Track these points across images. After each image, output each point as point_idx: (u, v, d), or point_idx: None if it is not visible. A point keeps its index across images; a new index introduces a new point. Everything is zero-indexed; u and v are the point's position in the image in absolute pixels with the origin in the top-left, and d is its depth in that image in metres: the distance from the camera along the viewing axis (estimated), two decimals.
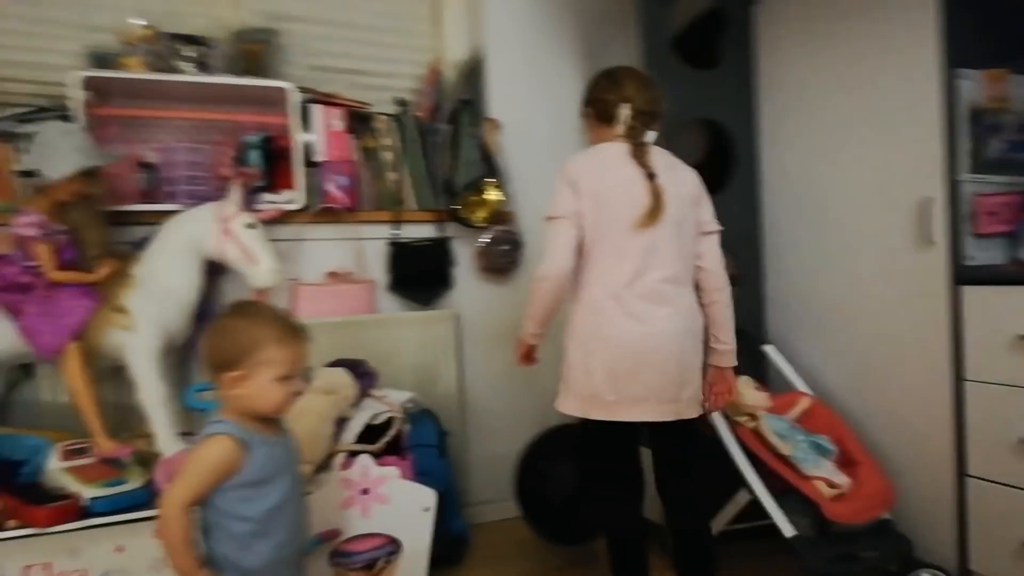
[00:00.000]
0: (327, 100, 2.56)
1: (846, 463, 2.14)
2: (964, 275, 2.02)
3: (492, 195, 2.68)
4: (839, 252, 2.37)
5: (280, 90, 2.42)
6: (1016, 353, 1.88)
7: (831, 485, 2.03)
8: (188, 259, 2.15)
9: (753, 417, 2.17)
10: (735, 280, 2.65)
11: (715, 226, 2.00)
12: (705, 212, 1.99)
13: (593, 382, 1.85)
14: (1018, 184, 2.10)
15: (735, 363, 1.99)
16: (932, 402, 2.09)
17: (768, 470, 2.08)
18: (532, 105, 2.90)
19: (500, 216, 2.72)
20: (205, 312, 2.23)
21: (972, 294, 1.99)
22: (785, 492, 2.07)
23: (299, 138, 2.44)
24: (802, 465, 2.05)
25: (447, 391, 2.62)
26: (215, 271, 2.30)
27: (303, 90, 2.51)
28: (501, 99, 2.84)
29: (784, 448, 2.07)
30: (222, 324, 1.43)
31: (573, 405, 1.90)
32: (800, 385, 2.38)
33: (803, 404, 2.25)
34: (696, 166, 2.98)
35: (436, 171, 2.69)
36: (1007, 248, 2.10)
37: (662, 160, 1.94)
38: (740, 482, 2.12)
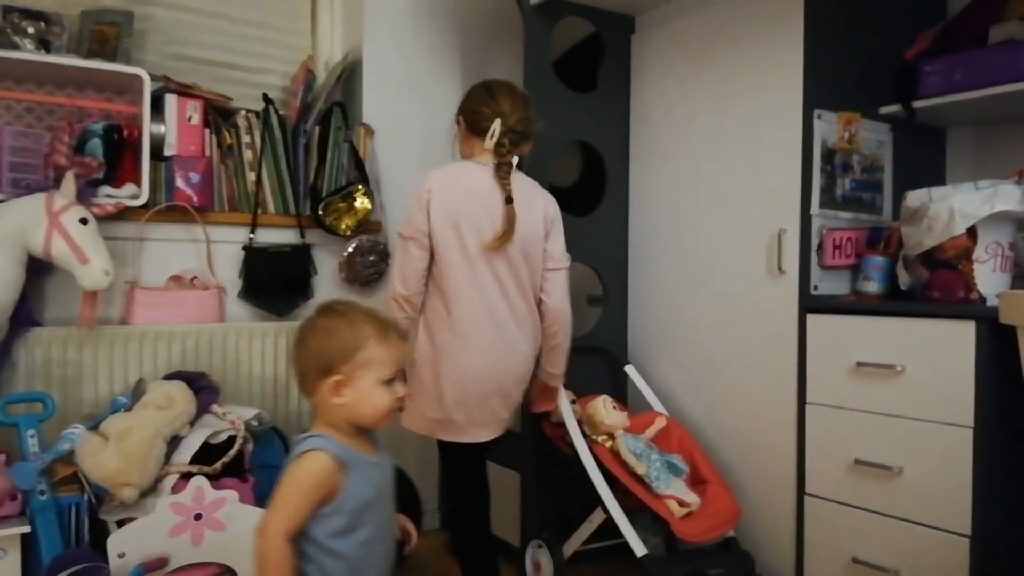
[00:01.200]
0: (184, 91, 2.40)
1: (697, 482, 2.19)
2: (810, 304, 2.12)
3: (360, 203, 2.59)
4: (698, 277, 2.44)
5: (131, 76, 2.24)
6: (854, 378, 1.98)
7: (682, 504, 2.07)
8: (6, 254, 1.93)
9: (611, 436, 2.19)
10: (600, 301, 2.70)
11: (564, 262, 2.03)
12: (555, 245, 2.01)
13: (439, 406, 1.86)
14: (861, 221, 2.23)
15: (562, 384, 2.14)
16: (777, 424, 2.17)
17: (623, 489, 2.10)
18: (407, 113, 2.83)
19: (368, 225, 2.63)
20: (22, 316, 2.00)
21: (816, 322, 2.09)
22: (638, 510, 2.10)
23: (149, 129, 2.26)
24: (655, 484, 2.08)
25: (302, 407, 2.48)
26: (39, 270, 2.08)
27: (157, 78, 2.34)
28: (375, 105, 2.76)
29: (639, 467, 2.10)
30: (314, 326, 1.28)
31: (420, 424, 1.91)
32: (657, 405, 2.42)
33: (659, 424, 2.29)
34: (571, 187, 3.05)
35: (301, 174, 2.57)
36: (850, 280, 2.22)
37: (522, 186, 1.95)
38: (596, 501, 2.13)
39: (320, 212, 2.52)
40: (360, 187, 2.58)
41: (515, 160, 1.94)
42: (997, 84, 1.99)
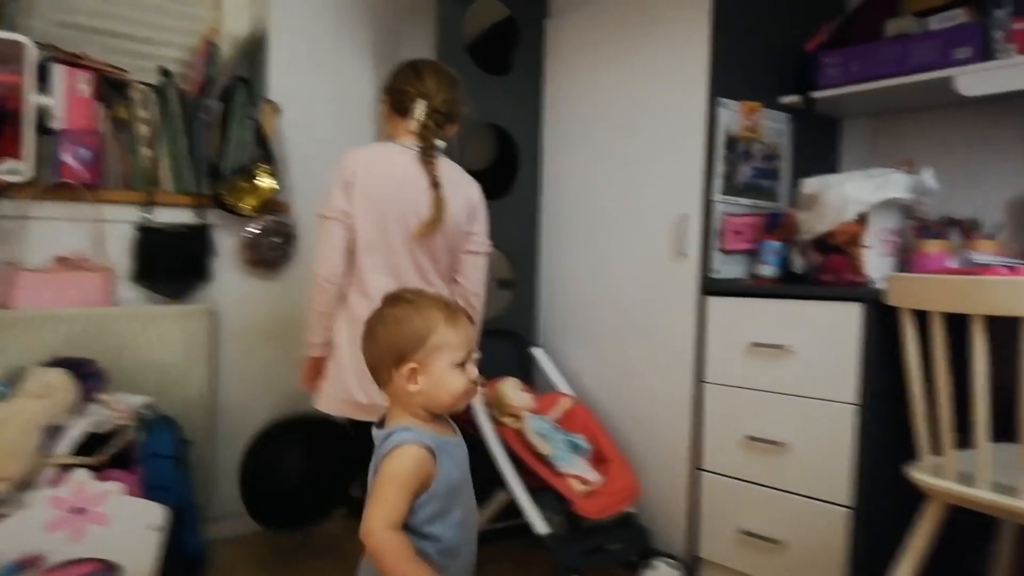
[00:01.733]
0: (73, 61, 2.26)
1: (599, 460, 2.23)
2: (710, 287, 2.17)
3: (264, 182, 2.50)
4: (606, 260, 2.47)
5: (12, 44, 2.10)
6: (748, 358, 2.05)
7: (583, 482, 2.10)
8: None
9: (517, 418, 2.21)
10: (511, 284, 2.71)
11: (485, 247, 2.01)
12: (478, 230, 1.99)
13: (350, 386, 1.81)
14: (760, 207, 2.30)
15: None
16: (675, 403, 2.23)
17: (527, 469, 2.12)
18: (316, 91, 2.75)
19: (272, 205, 2.55)
20: None
21: (715, 304, 2.15)
22: (542, 490, 2.13)
23: (33, 101, 2.13)
24: (558, 463, 2.11)
25: (196, 394, 2.38)
26: None
27: (44, 47, 2.20)
28: (282, 81, 2.67)
29: (543, 447, 2.12)
30: (383, 316, 1.27)
31: (337, 407, 1.87)
32: (563, 386, 2.45)
33: (564, 404, 2.32)
34: (483, 171, 3.03)
35: (200, 151, 2.46)
36: (748, 264, 2.29)
37: (448, 170, 1.91)
38: (500, 481, 2.15)
39: (220, 191, 2.43)
40: (264, 166, 2.50)
41: (441, 143, 1.90)
42: (890, 76, 2.07)
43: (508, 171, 2.70)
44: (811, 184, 2.07)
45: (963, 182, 2.20)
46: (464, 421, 2.29)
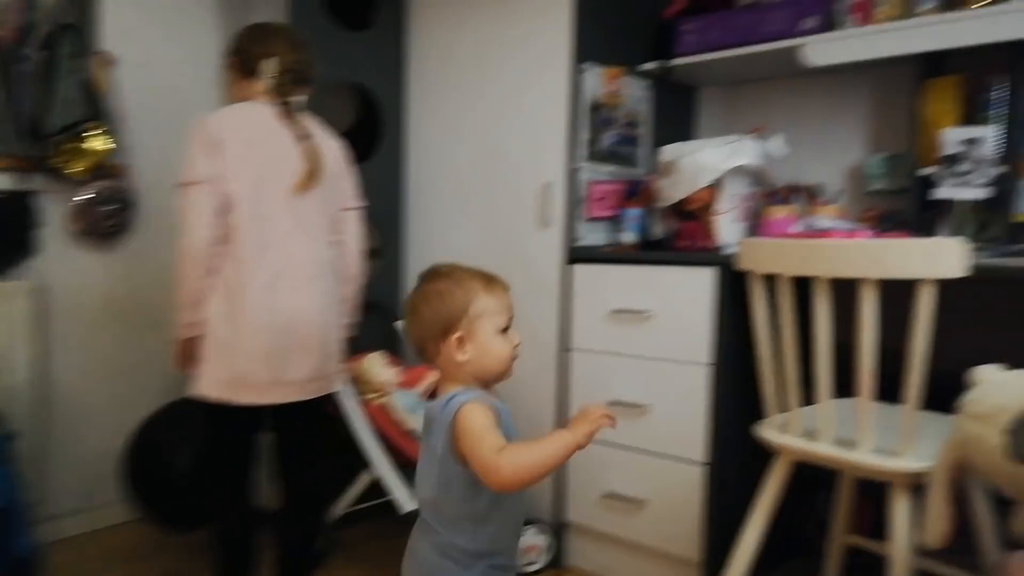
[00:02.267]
0: None
1: None
2: (575, 254, 2.17)
3: (97, 143, 2.27)
4: (472, 228, 2.42)
5: None
6: (612, 324, 2.07)
7: None
8: None
9: (382, 394, 2.14)
10: (376, 253, 2.62)
11: (358, 202, 1.93)
12: (349, 186, 1.93)
13: (240, 363, 1.68)
14: (622, 174, 2.32)
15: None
16: (542, 371, 2.23)
17: (394, 446, 2.07)
18: (157, 43, 2.52)
19: (106, 169, 2.32)
20: None
21: (580, 272, 2.16)
22: (409, 466, 2.08)
23: None
24: None
25: (19, 382, 2.14)
26: None
27: None
28: (117, 30, 2.41)
29: (410, 422, 2.07)
30: (423, 292, 1.29)
31: (215, 389, 1.70)
32: None
33: (431, 378, 2.27)
34: (345, 133, 2.89)
35: (20, 107, 2.20)
36: (611, 231, 2.31)
37: (312, 124, 1.83)
38: (365, 461, 2.08)
39: (45, 153, 2.18)
40: (96, 125, 2.27)
41: (298, 99, 1.80)
42: (744, 45, 2.12)
43: (371, 134, 2.59)
44: (668, 151, 2.10)
45: (809, 150, 2.31)
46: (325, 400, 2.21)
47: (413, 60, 2.60)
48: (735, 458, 1.93)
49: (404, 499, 2.00)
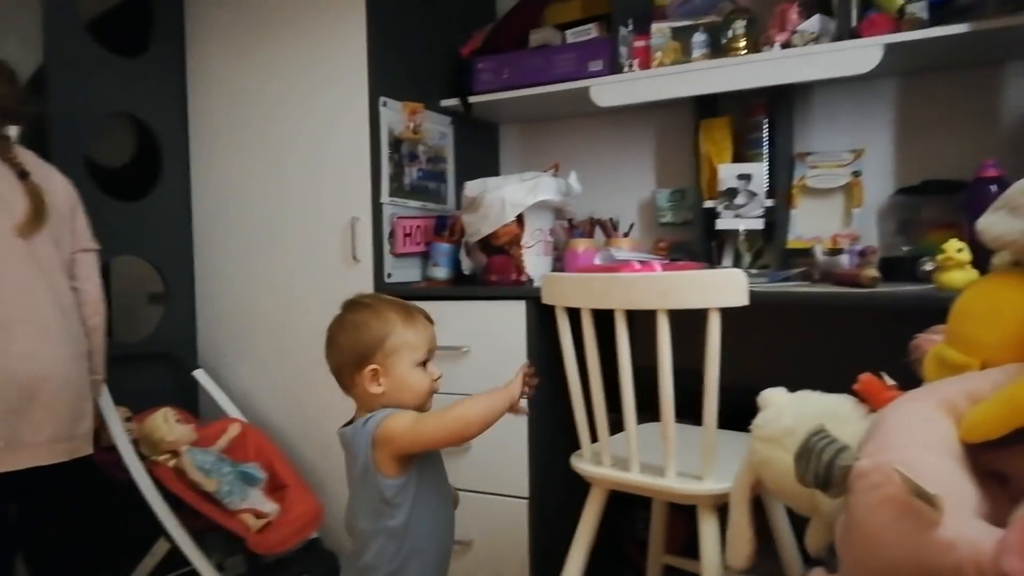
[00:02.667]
0: None
1: (276, 487, 2.06)
2: (385, 291, 2.11)
3: None
4: (272, 268, 2.29)
5: None
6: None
7: (258, 516, 1.92)
8: None
9: (175, 454, 1.94)
10: (162, 299, 2.39)
11: (94, 243, 1.79)
12: (82, 226, 1.77)
13: None
14: (428, 209, 2.30)
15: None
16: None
17: (192, 511, 1.88)
18: None
19: None
20: None
21: None
22: (212, 531, 1.91)
23: None
24: (227, 499, 1.90)
25: None
26: None
27: None
28: None
29: (209, 484, 1.89)
30: (341, 322, 1.33)
31: None
32: (232, 411, 2.23)
33: (233, 431, 2.10)
34: (121, 168, 2.64)
35: None
36: (421, 267, 2.28)
37: (34, 161, 1.65)
38: (159, 529, 1.88)
39: None
40: None
41: (12, 131, 1.60)
42: (536, 85, 2.20)
43: (151, 168, 2.37)
44: (473, 187, 2.12)
45: (603, 184, 2.43)
46: (110, 464, 1.97)
47: (195, 89, 2.42)
48: (558, 490, 1.95)
49: (204, 570, 1.82)
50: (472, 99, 2.29)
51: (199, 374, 2.29)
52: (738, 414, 1.50)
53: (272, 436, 2.20)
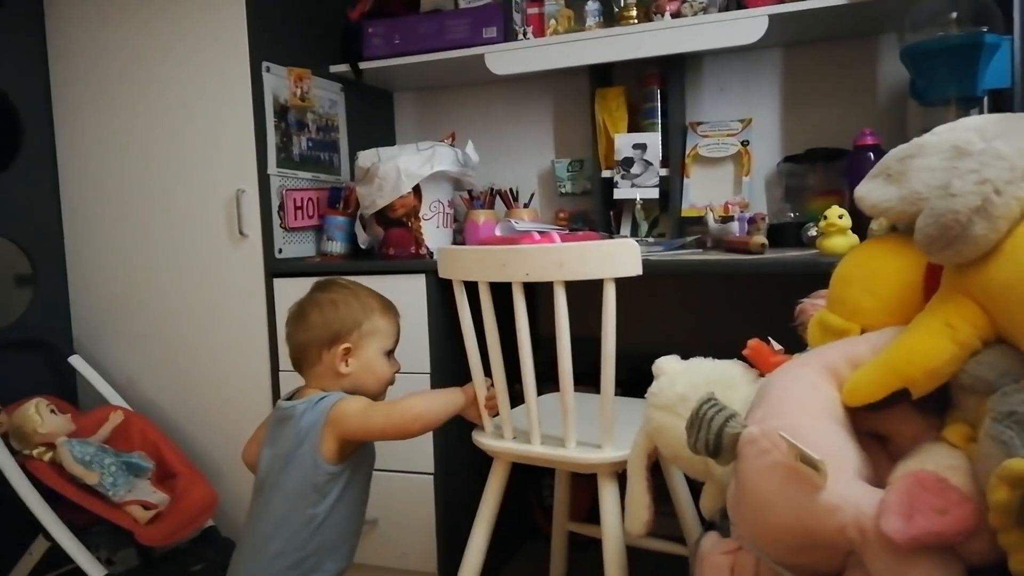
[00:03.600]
0: None
1: (166, 476, 1.96)
2: (276, 268, 2.03)
3: None
4: (152, 245, 2.15)
5: None
6: None
7: (147, 507, 1.82)
8: None
9: (51, 447, 1.81)
10: (28, 281, 2.21)
11: None
12: None
13: None
14: (320, 181, 2.21)
15: None
16: (253, 396, 2.06)
17: (73, 504, 1.76)
18: None
19: None
20: None
21: (283, 286, 2.01)
22: (97, 526, 1.80)
23: None
24: (112, 492, 1.79)
25: None
26: None
27: None
28: None
29: (90, 477, 1.78)
30: (316, 300, 1.34)
31: None
32: (114, 398, 2.09)
33: (115, 420, 1.98)
34: None
35: None
36: (315, 241, 2.19)
37: None
38: (36, 527, 1.75)
39: None
40: None
41: None
42: (430, 51, 2.13)
43: (10, 141, 2.17)
44: (366, 157, 2.05)
45: (503, 155, 2.41)
46: None
47: (56, 54, 2.22)
48: (463, 464, 1.94)
49: (90, 566, 1.71)
50: (363, 65, 2.20)
51: (75, 360, 2.13)
52: (638, 381, 1.52)
53: (159, 423, 2.08)
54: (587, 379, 1.59)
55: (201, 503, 1.91)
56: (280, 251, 2.05)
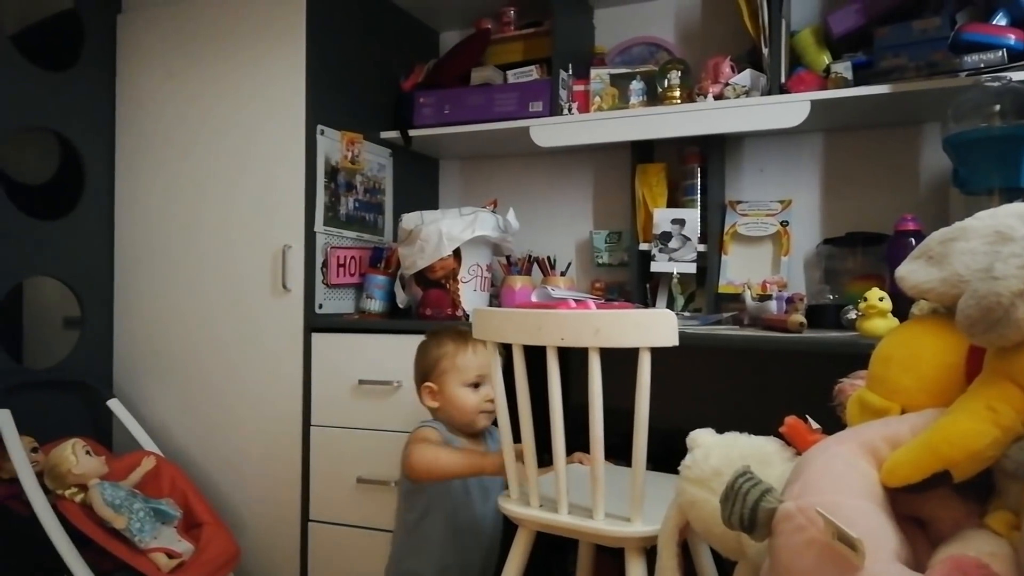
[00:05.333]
0: None
1: (191, 526, 1.96)
2: (315, 323, 2.06)
3: None
4: (196, 295, 2.21)
5: None
6: (357, 397, 1.99)
7: (171, 555, 1.82)
8: None
9: (83, 488, 1.83)
10: (76, 323, 2.28)
11: None
12: None
13: None
14: (364, 240, 2.27)
15: None
16: (282, 450, 2.07)
17: (100, 549, 1.77)
18: None
19: None
20: None
21: (321, 341, 2.05)
22: (121, 571, 1.80)
23: None
24: (138, 537, 1.80)
25: None
26: None
27: None
28: None
29: (118, 521, 1.79)
30: (418, 347, 1.66)
31: None
32: (147, 443, 2.12)
33: (147, 465, 2.00)
34: (43, 185, 2.53)
35: None
36: (355, 298, 2.24)
37: None
38: (62, 569, 1.76)
39: None
40: None
41: None
42: (477, 122, 2.21)
43: (74, 187, 2.27)
44: (410, 219, 2.10)
45: (542, 223, 2.45)
46: (10, 498, 1.84)
47: (123, 109, 2.34)
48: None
49: None
50: (412, 132, 2.29)
51: (114, 404, 2.17)
52: (667, 456, 1.50)
53: (189, 471, 2.10)
54: (615, 451, 1.58)
55: (224, 555, 1.91)
56: (320, 306, 2.10)
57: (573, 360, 1.55)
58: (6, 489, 1.87)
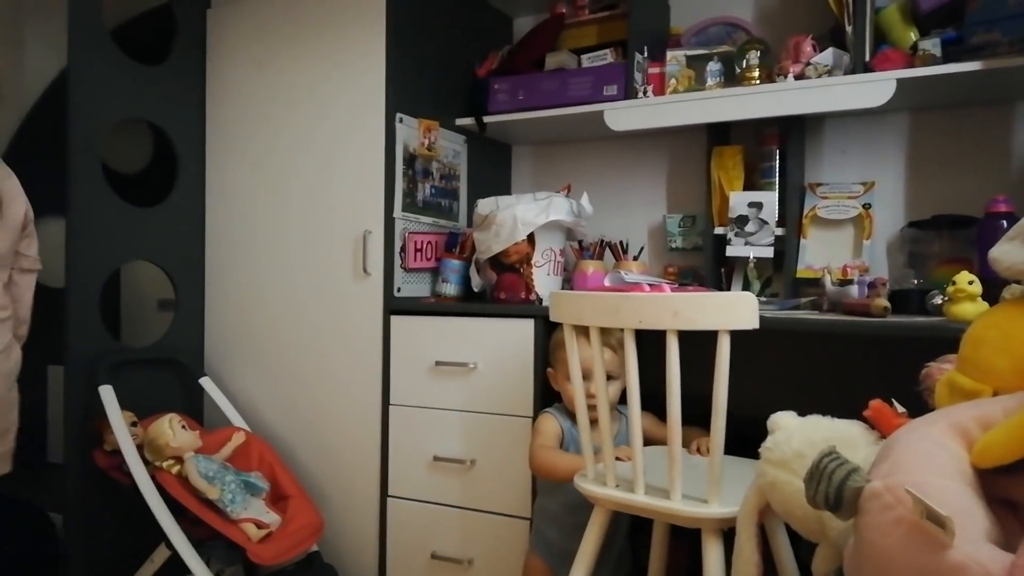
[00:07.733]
0: None
1: (278, 498, 2.06)
2: (394, 306, 2.13)
3: None
4: (282, 278, 2.30)
5: None
6: (433, 378, 2.04)
7: (260, 526, 1.91)
8: None
9: (179, 460, 1.94)
10: (171, 305, 2.40)
11: (38, 263, 1.84)
12: (32, 244, 1.80)
13: None
14: (440, 226, 2.32)
15: None
16: (362, 428, 2.15)
17: (194, 518, 1.88)
18: None
19: None
20: None
21: (399, 323, 2.11)
22: (212, 539, 1.90)
23: None
24: (230, 508, 1.90)
25: None
26: None
27: None
28: None
29: (211, 492, 1.89)
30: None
31: None
32: (237, 419, 2.23)
33: (237, 440, 2.10)
34: (138, 174, 2.67)
35: None
36: (431, 282, 2.29)
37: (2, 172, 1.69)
38: (160, 535, 1.87)
39: None
40: None
41: None
42: (551, 107, 2.22)
43: (167, 175, 2.39)
44: (485, 205, 2.14)
45: (615, 208, 2.45)
46: (113, 468, 1.97)
47: (213, 100, 2.45)
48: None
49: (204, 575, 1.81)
50: (487, 119, 2.32)
51: (205, 382, 2.29)
52: (742, 441, 1.50)
53: (275, 447, 2.20)
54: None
55: (309, 527, 1.99)
56: (399, 290, 2.16)
57: (645, 345, 1.55)
58: (109, 460, 2.00)
